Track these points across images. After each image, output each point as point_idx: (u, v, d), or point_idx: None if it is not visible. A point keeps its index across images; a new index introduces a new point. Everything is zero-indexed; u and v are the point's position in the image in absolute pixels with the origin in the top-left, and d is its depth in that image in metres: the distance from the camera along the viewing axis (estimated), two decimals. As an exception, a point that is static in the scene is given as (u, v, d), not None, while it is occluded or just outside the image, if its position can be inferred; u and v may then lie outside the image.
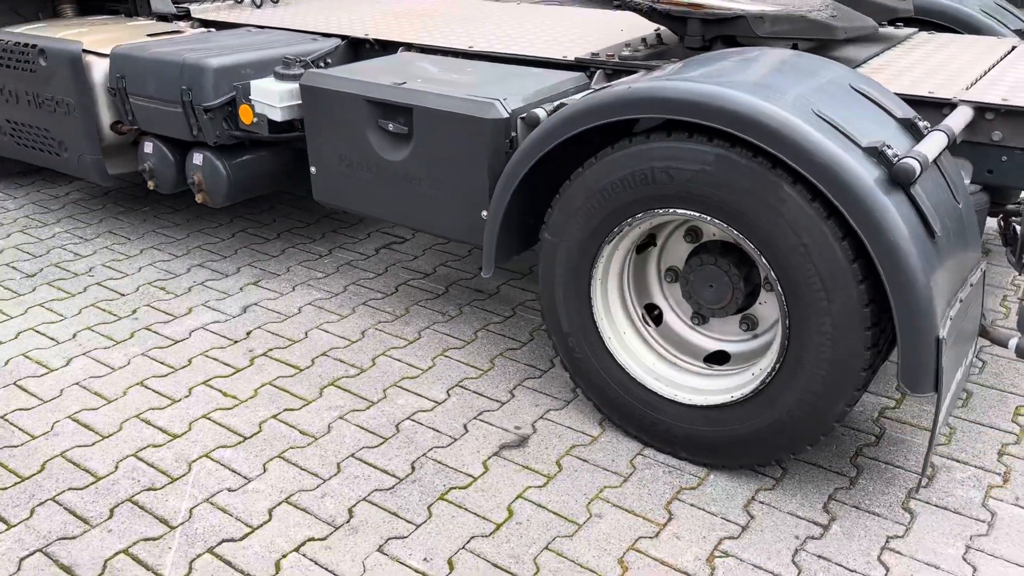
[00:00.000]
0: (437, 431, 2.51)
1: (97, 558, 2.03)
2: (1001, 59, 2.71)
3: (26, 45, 3.50)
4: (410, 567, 2.01)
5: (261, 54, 3.16)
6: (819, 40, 2.55)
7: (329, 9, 3.97)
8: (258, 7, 4.13)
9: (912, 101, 2.34)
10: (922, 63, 2.66)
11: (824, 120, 1.92)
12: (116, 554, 2.05)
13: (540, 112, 2.38)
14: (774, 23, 2.53)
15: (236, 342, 2.98)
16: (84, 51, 3.36)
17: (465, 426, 2.53)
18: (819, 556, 2.03)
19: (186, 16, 3.98)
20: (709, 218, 2.07)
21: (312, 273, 3.50)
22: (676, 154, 2.06)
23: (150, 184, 3.43)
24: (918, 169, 1.83)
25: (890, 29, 3.19)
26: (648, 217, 2.18)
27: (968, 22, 3.27)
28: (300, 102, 2.89)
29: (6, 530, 2.12)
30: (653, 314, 2.50)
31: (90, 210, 4.16)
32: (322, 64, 3.22)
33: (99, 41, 3.46)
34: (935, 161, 2.01)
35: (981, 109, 2.28)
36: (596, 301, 2.36)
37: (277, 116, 2.95)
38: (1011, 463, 2.35)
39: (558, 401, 2.64)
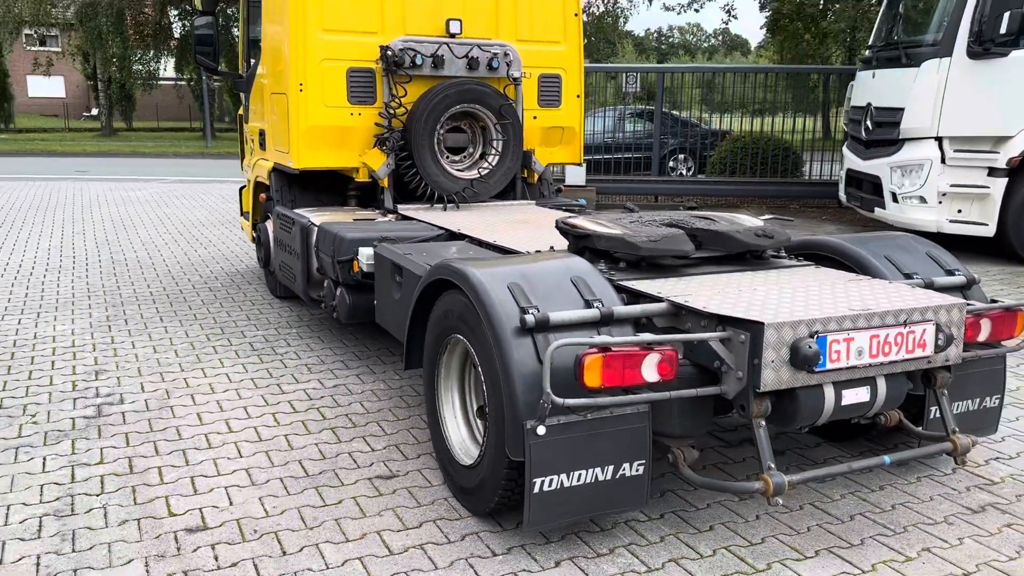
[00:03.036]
0: (359, 455, 4.03)
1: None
2: (804, 287, 3.56)
3: (290, 218, 5.93)
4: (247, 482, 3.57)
5: (383, 234, 5.10)
6: (634, 256, 3.72)
7: (467, 215, 5.83)
8: (444, 211, 6.17)
9: (653, 297, 3.45)
10: (734, 284, 3.61)
11: (510, 290, 3.23)
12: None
13: (437, 275, 3.94)
14: (607, 241, 3.79)
15: (311, 399, 4.82)
16: (310, 223, 5.67)
17: (385, 464, 4.00)
18: (468, 562, 3.15)
19: (395, 211, 6.16)
20: (467, 342, 3.43)
21: (387, 369, 5.25)
22: (454, 301, 3.49)
23: (322, 305, 5.53)
24: (532, 322, 3.06)
25: (782, 260, 4.11)
26: (452, 340, 3.59)
27: (863, 263, 4.01)
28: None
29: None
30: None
31: (317, 322, 6.43)
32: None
33: (323, 219, 5.73)
34: (594, 324, 3.17)
35: (680, 307, 3.32)
36: (439, 390, 3.76)
37: (365, 268, 4.86)
38: (719, 553, 3.17)
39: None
